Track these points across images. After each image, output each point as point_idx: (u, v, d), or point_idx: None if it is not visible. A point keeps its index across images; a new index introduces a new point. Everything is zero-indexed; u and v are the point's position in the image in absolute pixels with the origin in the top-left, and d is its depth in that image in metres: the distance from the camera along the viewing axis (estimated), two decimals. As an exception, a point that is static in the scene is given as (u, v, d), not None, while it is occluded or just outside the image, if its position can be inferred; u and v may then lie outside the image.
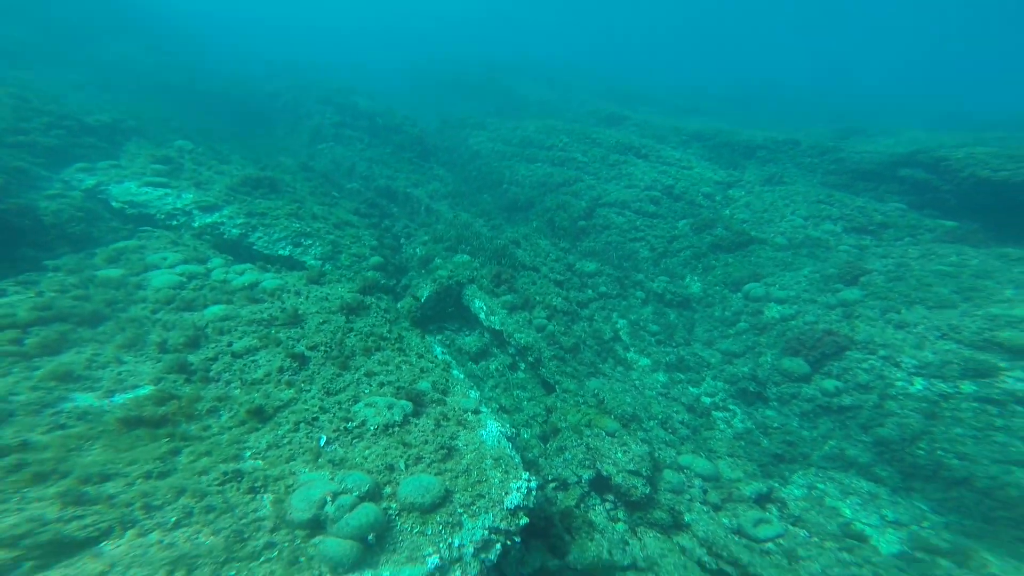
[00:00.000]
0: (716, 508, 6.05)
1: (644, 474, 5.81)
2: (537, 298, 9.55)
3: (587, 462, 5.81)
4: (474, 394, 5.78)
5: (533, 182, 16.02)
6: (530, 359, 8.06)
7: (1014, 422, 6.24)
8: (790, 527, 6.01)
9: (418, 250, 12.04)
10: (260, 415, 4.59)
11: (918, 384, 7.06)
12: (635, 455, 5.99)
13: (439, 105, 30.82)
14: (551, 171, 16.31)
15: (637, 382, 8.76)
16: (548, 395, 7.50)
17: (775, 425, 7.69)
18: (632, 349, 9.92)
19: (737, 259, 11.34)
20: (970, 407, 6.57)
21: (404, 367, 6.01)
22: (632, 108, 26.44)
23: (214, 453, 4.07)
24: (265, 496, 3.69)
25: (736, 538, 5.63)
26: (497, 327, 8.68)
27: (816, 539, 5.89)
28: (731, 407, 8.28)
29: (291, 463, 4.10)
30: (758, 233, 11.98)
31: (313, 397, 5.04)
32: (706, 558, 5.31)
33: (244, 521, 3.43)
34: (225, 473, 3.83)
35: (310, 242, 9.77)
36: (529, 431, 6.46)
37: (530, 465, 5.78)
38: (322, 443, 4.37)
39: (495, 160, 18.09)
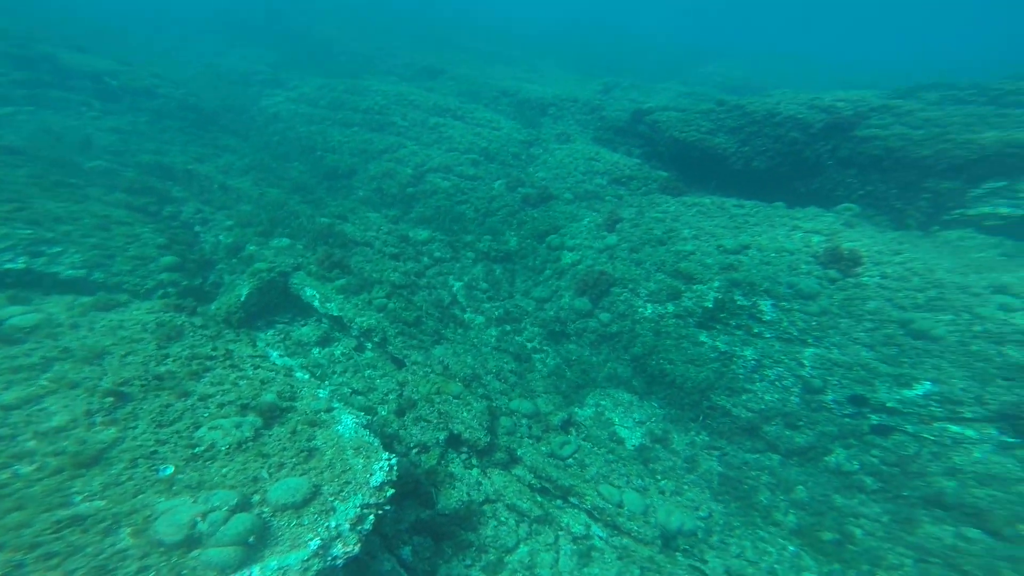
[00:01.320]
0: (537, 440, 7.59)
1: (485, 426, 7.13)
2: (374, 276, 9.80)
3: (440, 425, 6.86)
4: (323, 392, 6.12)
5: (352, 149, 15.30)
6: (375, 339, 8.54)
7: (690, 331, 9.03)
8: (582, 443, 7.77)
9: (222, 237, 10.81)
10: (81, 461, 4.23)
11: (648, 309, 9.68)
12: (477, 412, 7.26)
13: (200, 57, 25.25)
14: (370, 136, 15.75)
15: (475, 340, 10.04)
16: (399, 370, 8.20)
17: (574, 358, 9.91)
18: (468, 310, 11.13)
19: (541, 213, 13.18)
20: (673, 323, 9.28)
21: (242, 383, 5.92)
22: (446, 59, 26.20)
23: (29, 507, 3.74)
24: (121, 531, 3.64)
25: (551, 460, 7.29)
26: (336, 313, 8.79)
27: (595, 448, 7.75)
28: (545, 348, 10.27)
29: (139, 496, 4.03)
30: (554, 189, 13.97)
31: (144, 432, 4.76)
32: (533, 481, 6.92)
33: (103, 556, 3.40)
34: (58, 521, 3.61)
35: (58, 249, 7.99)
36: (386, 407, 7.14)
37: (392, 439, 6.56)
38: (167, 473, 4.32)
39: (302, 124, 16.48)
